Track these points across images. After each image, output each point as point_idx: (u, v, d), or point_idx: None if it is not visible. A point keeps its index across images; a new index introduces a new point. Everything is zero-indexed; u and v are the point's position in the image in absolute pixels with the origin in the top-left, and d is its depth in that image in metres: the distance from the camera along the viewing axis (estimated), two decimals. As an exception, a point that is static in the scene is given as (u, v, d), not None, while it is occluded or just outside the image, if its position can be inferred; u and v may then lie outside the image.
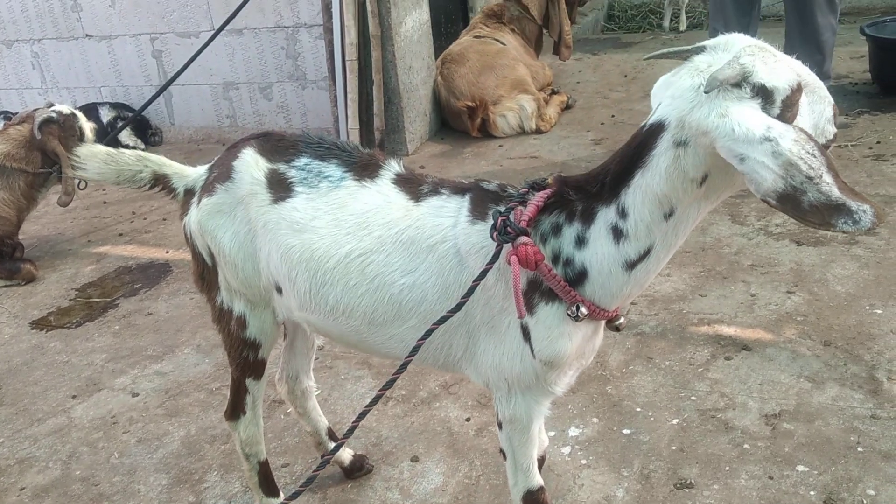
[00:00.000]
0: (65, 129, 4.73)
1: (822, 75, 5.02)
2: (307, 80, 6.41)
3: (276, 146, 2.13)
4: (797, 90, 1.52)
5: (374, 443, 2.93)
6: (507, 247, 1.73)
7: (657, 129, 1.60)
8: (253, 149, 2.13)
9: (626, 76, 7.30)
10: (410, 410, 3.09)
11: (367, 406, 1.83)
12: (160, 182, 2.31)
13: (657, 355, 3.24)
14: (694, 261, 3.94)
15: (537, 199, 1.77)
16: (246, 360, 2.31)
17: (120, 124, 6.46)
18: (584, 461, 2.72)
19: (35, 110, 4.72)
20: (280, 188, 2.06)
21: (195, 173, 2.27)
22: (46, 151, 4.65)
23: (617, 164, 1.69)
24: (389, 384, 1.83)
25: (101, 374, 3.59)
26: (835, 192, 1.42)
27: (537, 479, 2.07)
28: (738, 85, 1.47)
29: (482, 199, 1.89)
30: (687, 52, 1.63)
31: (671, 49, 1.71)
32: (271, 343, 2.33)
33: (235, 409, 2.41)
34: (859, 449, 2.63)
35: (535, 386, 1.89)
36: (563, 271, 1.76)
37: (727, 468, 2.61)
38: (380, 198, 1.99)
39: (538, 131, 6.08)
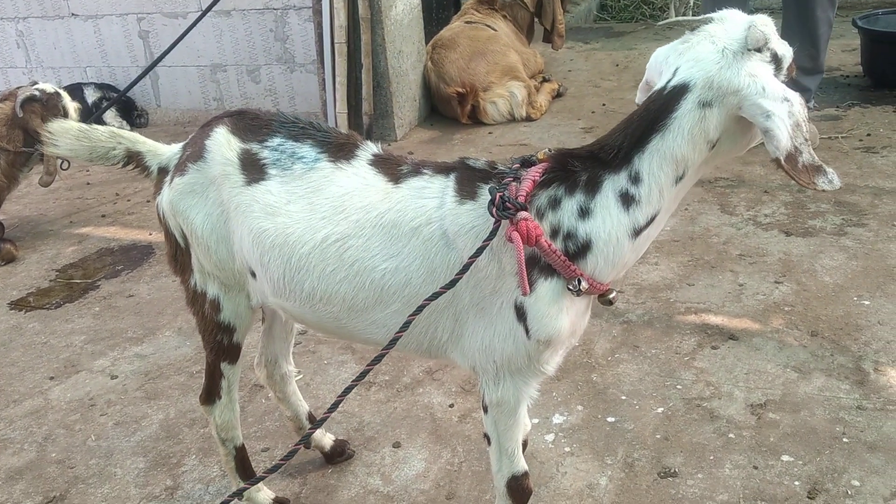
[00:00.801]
0: (48, 107, 4.64)
1: (816, 68, 4.98)
2: (295, 63, 6.34)
3: (250, 125, 2.07)
4: (791, 65, 1.67)
5: (356, 428, 2.89)
6: (504, 223, 1.69)
7: (680, 90, 1.64)
8: (226, 127, 2.07)
9: (617, 65, 7.27)
10: (393, 396, 3.05)
11: (352, 381, 1.80)
12: (133, 160, 2.24)
13: (643, 344, 3.21)
14: (682, 250, 3.91)
15: (532, 174, 1.74)
16: (220, 344, 2.26)
17: (105, 105, 6.37)
18: (567, 449, 2.69)
19: (18, 88, 4.64)
20: (253, 169, 2.00)
21: (169, 151, 2.22)
22: (28, 130, 4.57)
23: (633, 129, 1.69)
24: (378, 360, 1.77)
25: (79, 355, 3.54)
26: (816, 156, 1.60)
27: (522, 464, 2.04)
28: (759, 50, 1.61)
29: (469, 178, 1.85)
30: (696, 21, 1.71)
31: (683, 17, 1.75)
32: (246, 327, 2.27)
33: (210, 394, 2.36)
34: (845, 439, 2.61)
35: (526, 367, 1.86)
36: (564, 245, 1.73)
37: (712, 457, 2.59)
38: (357, 180, 1.93)
39: (528, 119, 6.04)
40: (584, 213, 1.72)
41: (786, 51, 1.65)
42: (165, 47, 5.48)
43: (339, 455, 2.72)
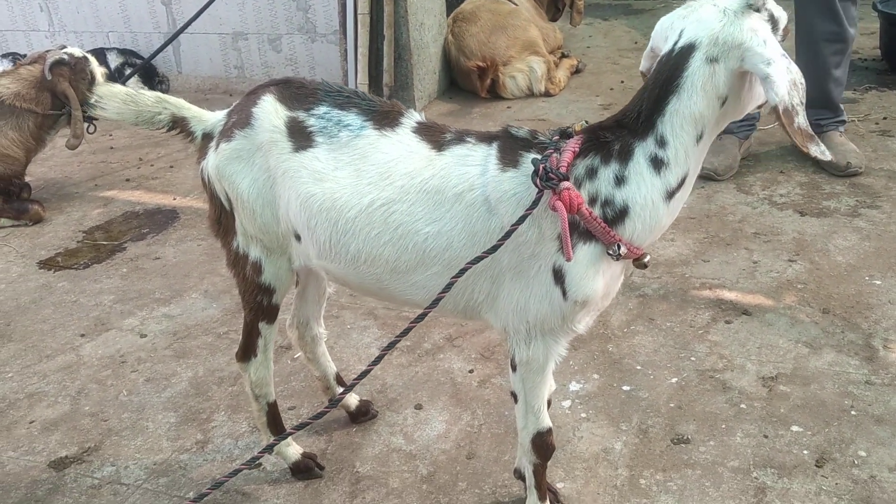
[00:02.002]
0: (76, 71, 4.71)
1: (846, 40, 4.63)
2: (317, 32, 6.38)
3: (296, 93, 2.14)
4: (787, 28, 1.78)
5: (380, 390, 2.99)
6: (547, 193, 1.78)
7: (688, 49, 1.74)
8: (273, 96, 2.14)
9: (636, 43, 7.28)
10: (415, 360, 3.15)
11: (397, 336, 1.88)
12: (178, 125, 2.31)
13: (658, 317, 3.29)
14: (698, 227, 3.98)
15: (572, 145, 1.82)
16: (260, 305, 2.34)
17: (128, 71, 6.43)
18: (583, 415, 2.79)
19: (47, 51, 4.71)
20: (300, 136, 2.07)
21: (214, 118, 2.28)
22: (56, 93, 4.65)
23: (650, 93, 1.78)
24: (421, 318, 1.87)
25: (109, 314, 3.64)
26: (810, 127, 1.72)
27: (547, 421, 2.15)
28: (758, 10, 1.71)
29: (511, 147, 1.92)
30: None
31: None
32: (285, 289, 2.36)
33: (247, 352, 2.45)
34: (853, 412, 2.69)
35: (559, 327, 1.96)
36: (602, 212, 1.82)
37: (723, 426, 2.68)
38: (401, 147, 2.01)
39: (547, 94, 6.08)
40: (619, 180, 1.81)
41: (781, 13, 1.76)
42: (188, 14, 5.55)
43: (363, 415, 2.82)
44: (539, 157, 1.83)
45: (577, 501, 2.43)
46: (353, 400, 2.83)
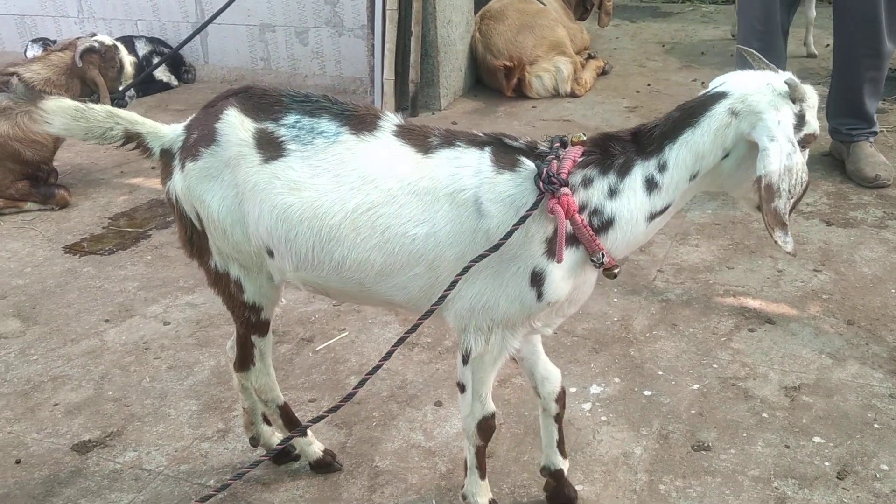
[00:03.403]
0: (105, 59, 4.77)
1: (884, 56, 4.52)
2: (344, 27, 6.40)
3: (259, 104, 2.08)
4: (812, 137, 1.89)
5: (400, 385, 3.00)
6: (546, 196, 1.86)
7: (719, 95, 1.87)
8: (235, 108, 2.07)
9: (663, 45, 7.26)
10: (435, 357, 3.16)
11: (392, 346, 1.94)
12: (133, 140, 2.20)
13: (681, 322, 3.28)
14: (723, 233, 3.96)
15: (572, 153, 1.91)
16: (248, 321, 2.29)
17: (156, 60, 6.48)
18: (604, 418, 2.79)
19: (78, 39, 4.75)
20: (270, 147, 2.02)
21: (171, 132, 2.19)
22: (86, 80, 4.70)
23: (672, 120, 1.91)
24: (428, 315, 1.94)
25: (133, 301, 3.67)
26: (787, 215, 1.83)
27: (491, 406, 2.19)
28: (794, 101, 1.84)
29: (506, 152, 1.98)
30: (764, 64, 2.00)
31: (757, 55, 2.05)
32: (273, 304, 2.31)
33: (244, 362, 2.41)
34: (876, 425, 2.68)
35: (521, 324, 2.03)
36: (590, 220, 1.91)
37: (745, 434, 2.67)
38: (384, 151, 2.00)
39: (573, 95, 6.07)
40: (612, 192, 1.91)
41: (815, 125, 1.88)
42: (217, 4, 5.58)
43: (326, 466, 2.63)
44: (541, 161, 1.92)
45: (595, 504, 2.43)
46: (317, 448, 2.62)
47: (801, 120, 1.85)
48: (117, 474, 2.63)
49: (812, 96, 1.87)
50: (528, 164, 1.94)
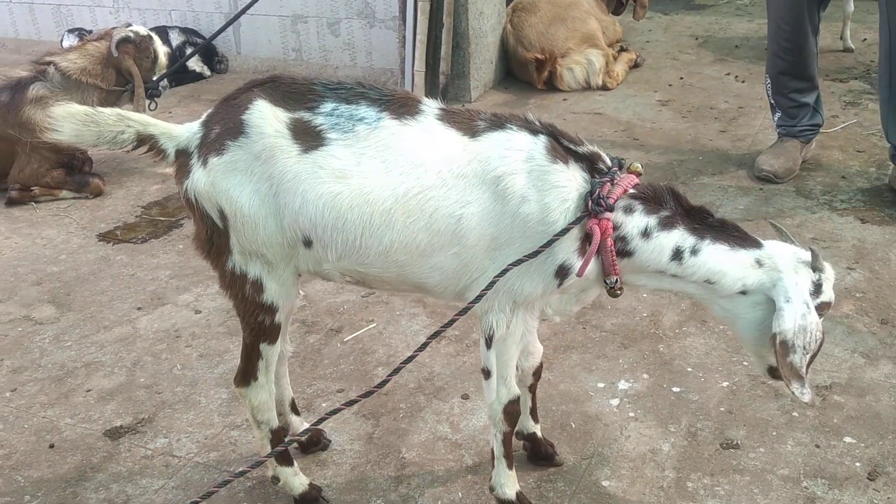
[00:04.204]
0: (140, 49, 4.81)
1: None
2: (376, 18, 6.40)
3: (289, 94, 2.05)
4: (827, 306, 2.05)
5: (427, 378, 3.01)
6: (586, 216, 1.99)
7: (756, 245, 2.04)
8: (264, 100, 2.04)
9: (696, 39, 7.18)
10: (463, 350, 3.16)
11: (428, 338, 1.97)
12: (145, 142, 2.13)
13: (711, 319, 3.26)
14: (755, 229, 3.85)
15: (626, 183, 1.99)
16: (261, 325, 2.22)
17: (189, 50, 6.53)
18: (631, 414, 2.77)
19: (113, 29, 4.80)
20: (308, 137, 2.00)
21: (186, 132, 2.13)
22: (121, 70, 4.74)
23: (721, 229, 2.05)
24: (465, 311, 1.98)
25: (165, 289, 3.72)
26: (804, 370, 1.96)
27: (516, 389, 2.23)
28: (813, 270, 2.01)
29: (561, 144, 2.04)
30: (790, 239, 2.18)
31: (785, 231, 2.22)
32: (290, 305, 2.27)
33: (246, 376, 2.31)
34: (909, 427, 2.64)
35: (537, 306, 2.17)
36: (615, 241, 2.01)
37: (774, 433, 2.65)
38: (429, 134, 2.01)
39: (604, 88, 6.03)
40: (646, 234, 2.02)
41: (830, 295, 2.04)
42: (251, -4, 5.59)
43: (314, 444, 2.67)
44: (598, 180, 2.00)
45: (622, 501, 2.42)
46: (303, 427, 2.64)
47: (818, 288, 2.01)
48: (148, 460, 2.67)
49: (830, 270, 2.04)
50: (582, 168, 2.02)
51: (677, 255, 2.01)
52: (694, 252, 2.01)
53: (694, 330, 3.20)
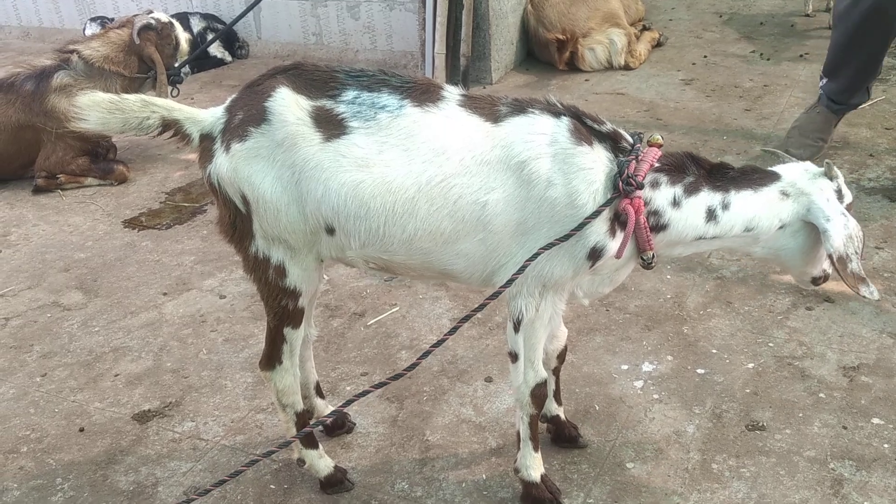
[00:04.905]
0: (162, 36, 4.83)
1: None
2: (396, 1, 6.37)
3: (312, 81, 2.05)
4: (850, 206, 2.11)
5: (450, 360, 3.01)
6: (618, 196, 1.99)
7: (775, 176, 2.11)
8: (287, 87, 2.03)
9: (720, 16, 7.08)
10: (486, 333, 3.16)
11: (459, 321, 1.96)
12: (170, 127, 2.15)
13: (736, 300, 3.23)
14: (780, 209, 3.87)
15: (651, 157, 2.01)
16: (285, 309, 2.23)
17: (210, 36, 6.54)
18: (656, 396, 2.76)
19: (135, 16, 4.82)
20: (330, 125, 2.00)
21: (210, 116, 2.14)
22: (143, 57, 4.76)
23: (743, 173, 2.10)
24: (496, 296, 1.99)
25: (190, 274, 3.75)
26: (862, 271, 2.05)
27: (543, 372, 2.24)
28: (830, 178, 2.08)
29: (584, 125, 2.04)
30: (789, 159, 2.28)
31: (782, 153, 2.38)
32: (313, 290, 2.27)
33: (271, 359, 2.33)
34: (939, 408, 2.61)
35: (568, 288, 2.17)
36: (647, 217, 2.02)
37: (801, 415, 2.63)
38: (451, 122, 2.01)
39: (627, 67, 5.97)
40: (676, 203, 2.05)
41: (848, 193, 2.10)
42: (271, -20, 5.59)
43: (339, 427, 2.69)
44: (622, 158, 2.01)
45: (646, 483, 2.42)
46: (327, 410, 2.67)
47: (839, 194, 2.08)
48: (176, 444, 2.70)
49: (840, 173, 2.11)
50: (606, 148, 2.03)
51: (711, 215, 2.05)
52: (725, 207, 2.05)
53: (718, 311, 3.17)
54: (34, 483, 2.57)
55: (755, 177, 2.10)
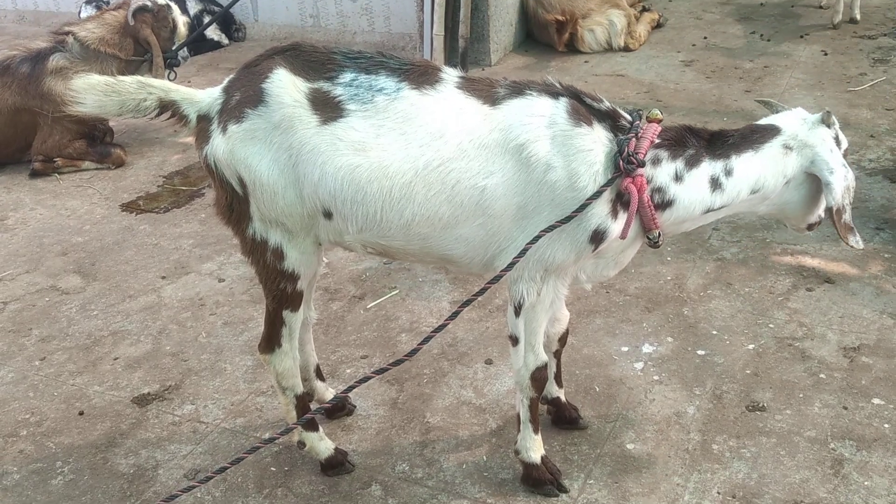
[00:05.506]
0: (158, 18, 4.79)
1: None
2: (394, -18, 6.33)
3: (309, 63, 2.03)
4: (846, 153, 2.12)
5: (450, 343, 3.01)
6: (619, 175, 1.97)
7: (775, 130, 2.09)
8: (284, 68, 2.01)
9: (721, -3, 7.03)
10: (486, 316, 3.16)
11: (460, 306, 1.94)
12: (167, 109, 2.13)
13: (737, 281, 3.22)
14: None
15: (651, 133, 1.98)
16: (283, 292, 2.21)
17: (207, 19, 6.50)
18: (656, 377, 2.76)
19: (131, -2, 4.78)
20: (327, 108, 1.98)
21: (207, 97, 2.12)
22: (139, 39, 4.73)
23: (742, 135, 2.08)
24: (497, 279, 1.98)
25: (188, 258, 3.74)
26: (851, 222, 2.08)
27: (544, 356, 2.24)
28: (828, 126, 2.07)
29: (583, 105, 2.02)
30: (782, 108, 2.24)
31: (775, 102, 2.30)
32: (311, 273, 2.25)
33: (270, 342, 2.32)
34: (939, 388, 2.61)
35: (570, 272, 2.15)
36: (651, 196, 2.01)
37: (801, 395, 2.62)
38: (448, 104, 1.99)
39: (626, 49, 5.94)
40: (678, 177, 2.03)
41: (844, 139, 2.11)
42: (268, -38, 5.54)
43: (339, 410, 2.68)
44: (621, 136, 1.99)
45: (647, 463, 2.42)
46: (329, 394, 2.67)
47: (837, 139, 2.08)
48: (176, 427, 2.70)
49: (836, 119, 2.11)
50: (605, 127, 2.02)
51: (715, 184, 2.04)
52: (728, 173, 2.04)
53: (719, 293, 3.17)
54: (34, 466, 2.57)
55: (755, 137, 2.08)
